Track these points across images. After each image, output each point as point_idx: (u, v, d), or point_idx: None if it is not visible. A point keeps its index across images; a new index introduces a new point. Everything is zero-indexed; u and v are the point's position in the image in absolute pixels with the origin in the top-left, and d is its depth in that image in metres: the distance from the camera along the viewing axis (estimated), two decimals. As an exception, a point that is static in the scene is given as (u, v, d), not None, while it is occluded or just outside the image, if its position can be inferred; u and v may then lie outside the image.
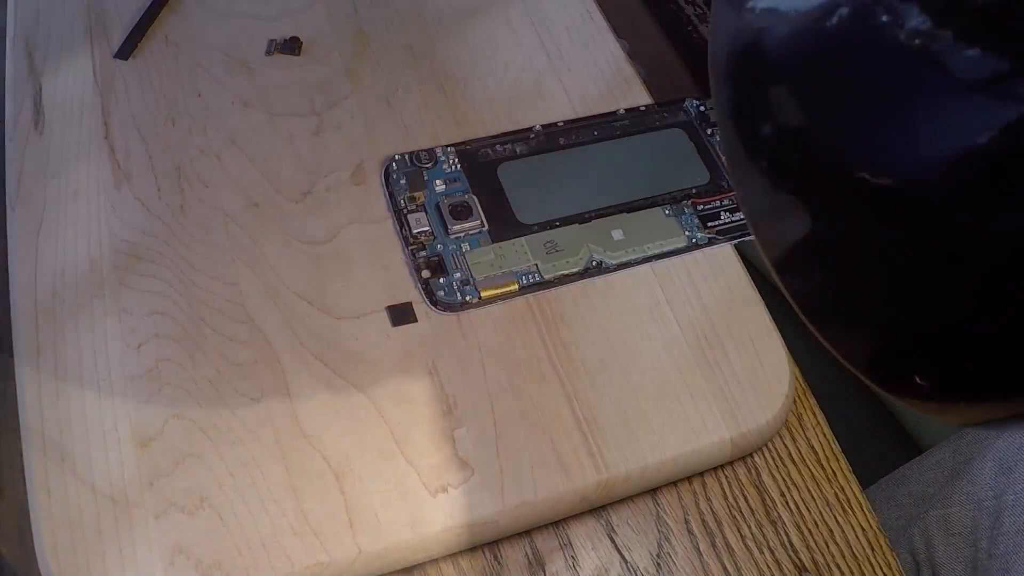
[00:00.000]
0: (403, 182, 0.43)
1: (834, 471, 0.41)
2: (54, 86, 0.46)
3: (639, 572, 0.38)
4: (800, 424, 0.42)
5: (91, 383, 0.37)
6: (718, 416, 0.39)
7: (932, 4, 0.16)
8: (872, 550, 0.39)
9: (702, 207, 0.44)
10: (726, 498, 0.40)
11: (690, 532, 0.39)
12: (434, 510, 0.36)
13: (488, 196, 0.43)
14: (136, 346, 0.38)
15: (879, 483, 0.60)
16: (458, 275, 0.41)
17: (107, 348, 0.38)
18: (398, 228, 0.42)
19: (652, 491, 0.39)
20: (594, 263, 0.42)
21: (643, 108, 0.48)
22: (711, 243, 0.43)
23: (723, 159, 0.46)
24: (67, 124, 0.45)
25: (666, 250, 0.43)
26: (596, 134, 0.47)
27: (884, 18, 0.17)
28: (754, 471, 0.41)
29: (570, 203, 0.44)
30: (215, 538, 0.34)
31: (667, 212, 0.44)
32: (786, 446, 0.41)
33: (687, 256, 0.43)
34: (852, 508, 0.40)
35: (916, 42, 0.17)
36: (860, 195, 0.18)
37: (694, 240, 0.43)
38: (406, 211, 0.42)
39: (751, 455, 0.41)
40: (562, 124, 0.47)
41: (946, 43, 0.16)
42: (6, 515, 0.40)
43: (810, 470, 0.41)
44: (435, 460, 0.37)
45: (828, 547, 0.39)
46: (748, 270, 0.44)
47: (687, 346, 0.40)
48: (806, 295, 0.22)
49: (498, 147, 0.45)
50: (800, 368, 0.43)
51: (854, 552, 0.39)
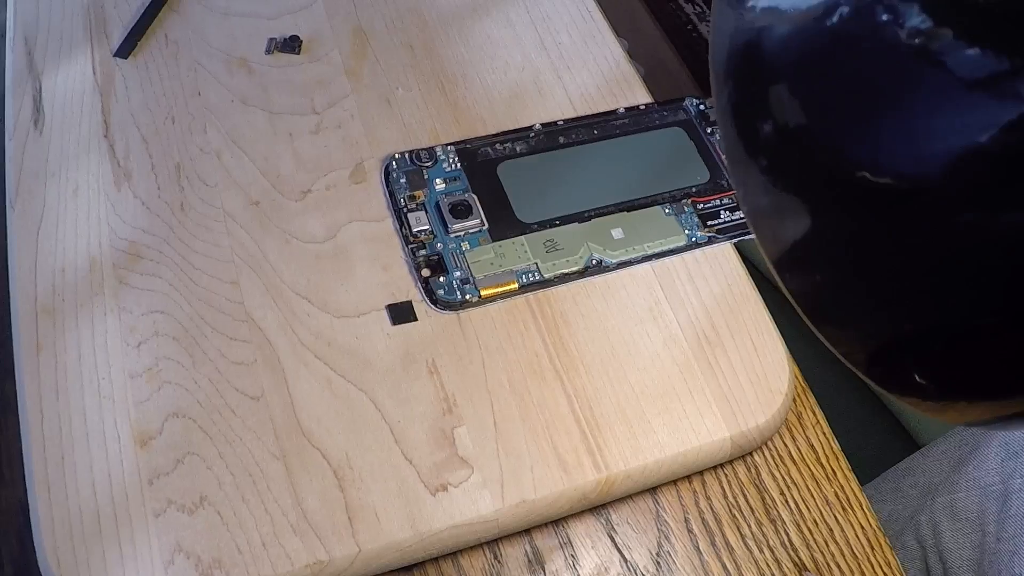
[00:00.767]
0: (403, 181, 0.43)
1: (834, 470, 0.41)
2: (54, 85, 0.46)
3: (639, 571, 0.38)
4: (800, 423, 0.42)
5: (91, 382, 0.37)
6: (718, 415, 0.39)
7: (932, 3, 0.16)
8: (872, 549, 0.39)
9: (702, 206, 0.44)
10: (726, 497, 0.40)
11: (690, 531, 0.39)
12: (434, 509, 0.36)
13: (488, 195, 0.43)
14: (136, 345, 0.38)
15: (885, 475, 0.60)
16: (458, 274, 0.41)
17: (107, 346, 0.38)
18: (398, 227, 0.42)
19: (652, 490, 0.40)
20: (594, 262, 0.42)
21: (643, 107, 0.48)
22: (711, 242, 0.43)
23: (723, 158, 0.46)
24: (67, 123, 0.45)
25: (666, 249, 0.43)
26: (596, 133, 0.47)
27: (884, 17, 0.17)
28: (754, 470, 0.41)
29: (570, 202, 0.44)
30: (215, 537, 0.34)
31: (667, 211, 0.44)
32: (786, 445, 0.41)
33: (687, 255, 0.43)
34: (852, 507, 0.40)
35: (916, 41, 0.17)
36: (860, 194, 0.18)
37: (694, 239, 0.43)
38: (406, 210, 0.42)
39: (751, 454, 0.41)
40: (562, 123, 0.47)
41: (946, 42, 0.16)
42: (6, 513, 0.40)
43: (810, 469, 0.41)
44: (435, 459, 0.37)
45: (828, 546, 0.39)
46: (748, 269, 0.44)
47: (687, 345, 0.41)
48: (806, 293, 0.22)
49: (498, 146, 0.45)
50: (799, 367, 0.43)
51: (854, 551, 0.39)
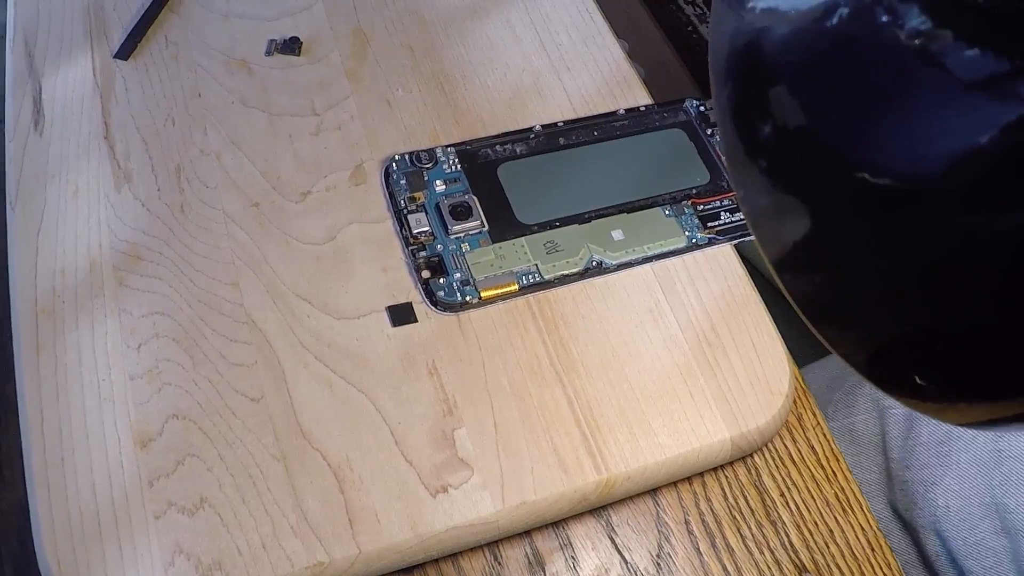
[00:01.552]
0: (403, 182, 0.43)
1: (834, 471, 0.41)
2: (54, 86, 0.46)
3: (639, 572, 0.38)
4: (800, 424, 0.42)
5: (91, 383, 0.37)
6: (718, 416, 0.39)
7: (932, 4, 0.16)
8: (872, 550, 0.39)
9: (702, 207, 0.44)
10: (726, 498, 0.40)
11: (690, 532, 0.39)
12: (434, 510, 0.36)
13: (488, 196, 0.43)
14: (136, 346, 0.38)
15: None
16: (458, 275, 0.41)
17: (107, 348, 0.38)
18: (398, 228, 0.42)
19: (652, 491, 0.39)
20: (594, 263, 0.42)
21: (643, 108, 0.48)
22: (711, 243, 0.43)
23: (723, 159, 0.46)
24: (67, 124, 0.45)
25: (666, 250, 0.43)
26: (596, 134, 0.47)
27: (884, 18, 0.17)
28: (754, 471, 0.41)
29: (570, 203, 0.44)
30: (215, 538, 0.34)
31: (667, 212, 0.44)
32: (786, 446, 0.41)
33: (687, 256, 0.43)
34: (852, 508, 0.40)
35: (916, 42, 0.17)
36: (860, 195, 0.18)
37: (694, 240, 0.43)
38: (406, 211, 0.42)
39: (751, 455, 0.41)
40: (562, 124, 0.47)
41: (946, 43, 0.16)
42: (6, 514, 0.40)
43: (810, 470, 0.41)
44: (435, 460, 0.37)
45: (828, 547, 0.39)
46: (748, 270, 0.44)
47: (687, 346, 0.40)
48: (806, 294, 0.22)
49: (498, 147, 0.45)
50: (799, 368, 0.43)
51: (854, 552, 0.39)
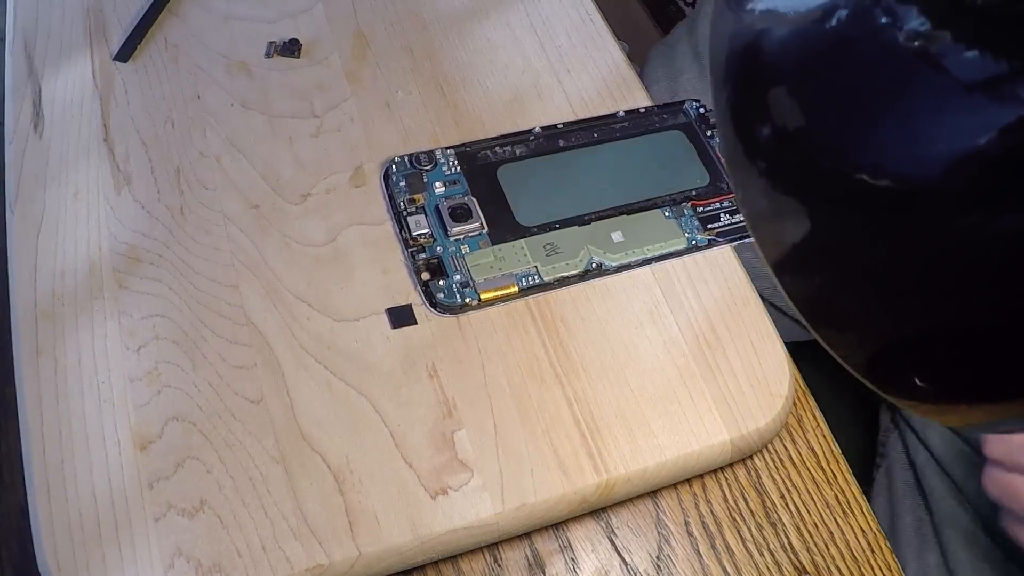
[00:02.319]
0: (403, 184, 0.43)
1: (834, 473, 0.41)
2: (54, 88, 0.46)
3: (639, 574, 0.38)
4: (800, 426, 0.42)
5: (91, 385, 0.37)
6: (718, 418, 0.39)
7: (931, 5, 0.16)
8: (872, 552, 0.39)
9: (702, 209, 0.44)
10: (726, 500, 0.40)
11: (690, 534, 0.39)
12: (434, 512, 0.36)
13: (488, 198, 0.43)
14: (136, 348, 0.38)
15: None
16: (458, 277, 0.41)
17: (107, 350, 0.38)
18: (398, 230, 0.42)
19: (652, 493, 0.39)
20: (594, 265, 0.42)
21: (643, 110, 0.48)
22: (711, 245, 0.43)
23: (722, 161, 0.46)
24: (67, 126, 0.45)
25: (666, 252, 0.43)
26: (596, 136, 0.47)
27: (883, 20, 0.17)
28: (754, 473, 0.40)
29: (570, 205, 0.44)
30: (215, 540, 0.34)
31: (667, 214, 0.44)
32: (786, 448, 0.41)
33: (687, 258, 0.43)
34: (852, 510, 0.40)
35: (915, 44, 0.17)
36: (859, 197, 0.18)
37: (694, 242, 0.43)
38: (406, 213, 0.42)
39: (751, 457, 0.41)
40: (562, 126, 0.47)
41: (945, 44, 0.16)
42: (6, 517, 0.40)
43: (810, 472, 0.41)
44: (435, 462, 0.37)
45: (828, 549, 0.39)
46: (748, 272, 0.44)
47: (687, 348, 0.40)
48: (805, 296, 0.22)
49: (498, 149, 0.45)
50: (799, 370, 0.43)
51: (854, 554, 0.39)
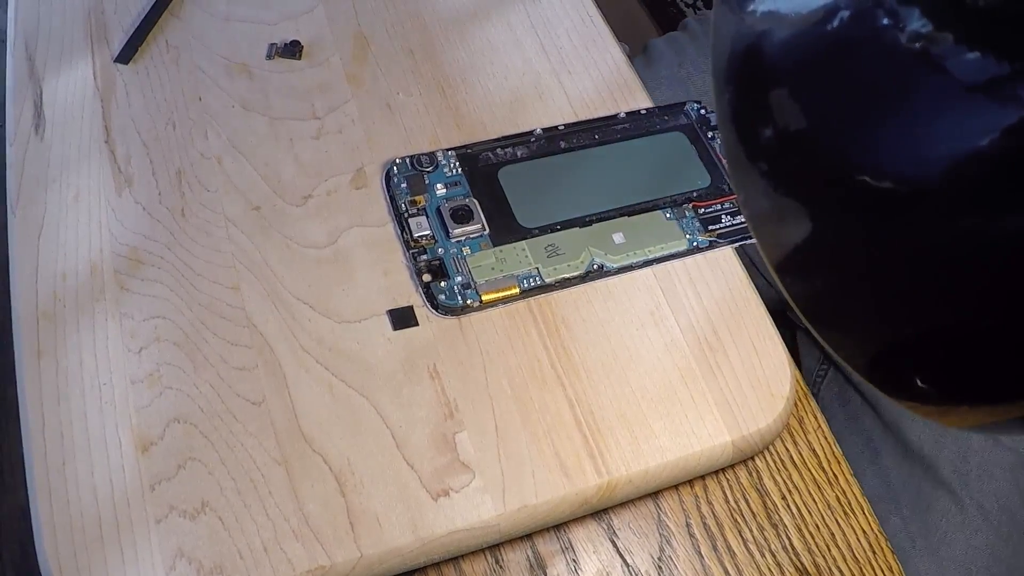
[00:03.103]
0: (404, 186, 0.43)
1: (835, 474, 0.41)
2: (55, 90, 0.46)
3: (640, 575, 0.38)
4: (801, 427, 0.42)
5: (92, 387, 0.37)
6: (719, 419, 0.39)
7: (932, 7, 0.16)
8: (873, 553, 0.39)
9: (703, 210, 0.44)
10: (727, 501, 0.40)
11: (691, 535, 0.39)
12: (435, 514, 0.36)
13: (489, 200, 0.43)
14: (137, 350, 0.38)
15: None
16: (459, 279, 0.41)
17: (108, 352, 0.38)
18: (399, 232, 0.42)
19: (653, 494, 0.39)
20: (595, 266, 0.42)
21: (644, 111, 0.48)
22: (712, 246, 0.43)
23: (724, 162, 0.46)
24: (68, 128, 0.45)
25: (667, 253, 0.43)
26: (597, 137, 0.47)
27: (885, 21, 0.17)
28: (755, 474, 0.40)
29: (571, 206, 0.44)
30: (216, 542, 0.34)
31: (668, 215, 0.44)
32: (787, 449, 0.41)
33: (688, 259, 0.43)
34: (853, 511, 0.40)
35: (917, 45, 0.17)
36: (861, 198, 0.18)
37: (695, 243, 0.43)
38: (407, 215, 0.42)
39: (752, 458, 0.41)
40: (563, 127, 0.47)
41: (946, 46, 0.16)
42: (7, 519, 0.40)
43: (811, 473, 0.41)
44: (436, 464, 0.37)
45: (829, 550, 0.39)
46: (749, 273, 0.44)
47: (688, 349, 0.40)
48: (807, 297, 0.22)
49: (499, 151, 0.45)
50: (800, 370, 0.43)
51: (855, 555, 0.39)
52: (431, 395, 0.38)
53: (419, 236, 0.42)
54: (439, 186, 0.44)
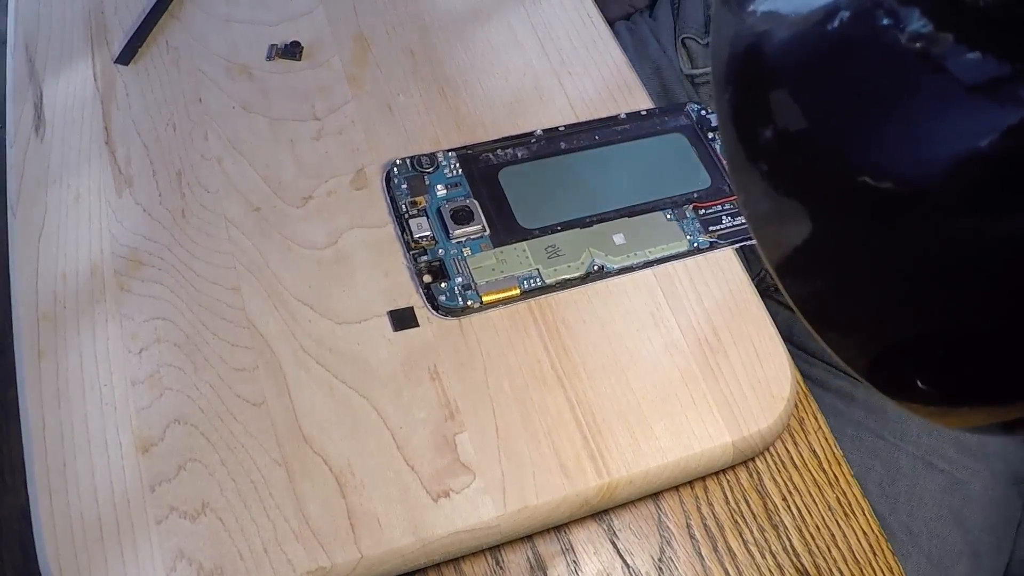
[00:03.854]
0: (404, 187, 0.43)
1: (836, 475, 0.41)
2: (55, 91, 0.46)
3: (641, 577, 0.38)
4: (802, 428, 0.42)
5: (92, 388, 0.37)
6: (720, 420, 0.39)
7: (932, 7, 0.16)
8: (874, 554, 0.39)
9: (704, 211, 0.44)
10: (728, 502, 0.40)
11: (692, 536, 0.39)
12: (436, 515, 0.36)
13: (489, 200, 0.43)
14: (137, 351, 0.38)
15: None
16: (460, 280, 0.41)
17: (108, 353, 0.38)
18: (399, 233, 0.42)
19: (654, 495, 0.39)
20: (596, 267, 0.42)
21: (644, 112, 0.48)
22: (713, 247, 0.43)
23: (724, 163, 0.46)
24: (68, 129, 0.45)
25: (668, 254, 0.43)
26: (597, 138, 0.47)
27: (885, 21, 0.17)
28: (756, 475, 0.40)
29: (571, 207, 0.44)
30: (216, 543, 0.34)
31: (669, 216, 0.44)
32: (788, 450, 0.41)
33: (688, 260, 0.43)
34: (854, 512, 0.40)
35: (917, 45, 0.17)
36: (861, 198, 0.18)
37: (696, 244, 0.43)
38: (407, 216, 0.42)
39: (753, 459, 0.41)
40: (563, 128, 0.47)
41: (947, 46, 0.16)
42: (8, 520, 0.40)
43: (812, 474, 0.41)
44: (437, 465, 0.37)
45: (830, 551, 0.39)
46: (749, 274, 0.44)
47: (688, 350, 0.40)
48: (808, 299, 0.22)
49: (499, 151, 0.45)
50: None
51: (856, 556, 0.39)
52: (432, 396, 0.38)
53: (419, 237, 0.42)
54: (439, 187, 0.44)
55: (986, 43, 0.16)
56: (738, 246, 0.44)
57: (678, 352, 0.40)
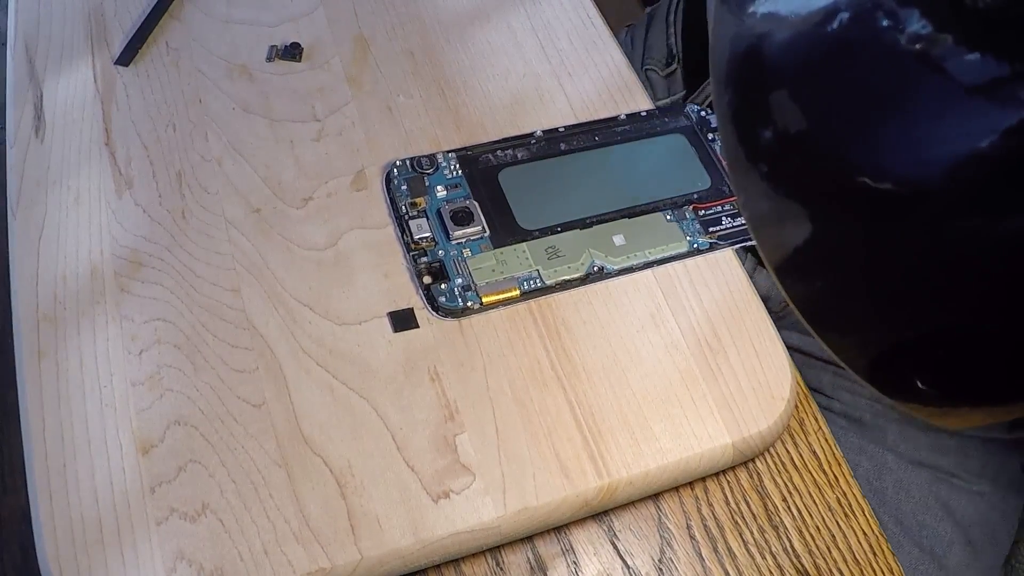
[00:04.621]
0: (404, 188, 0.43)
1: (836, 476, 0.41)
2: (55, 92, 0.46)
3: (641, 577, 0.38)
4: (802, 429, 0.42)
5: (92, 389, 0.37)
6: (720, 421, 0.39)
7: (932, 8, 0.16)
8: (874, 555, 0.39)
9: (703, 212, 0.44)
10: (728, 503, 0.40)
11: (692, 537, 0.39)
12: (436, 516, 0.36)
13: (489, 201, 0.43)
14: (138, 352, 0.38)
15: None
16: (460, 281, 0.41)
17: (108, 354, 0.38)
18: (399, 234, 0.42)
19: (654, 496, 0.39)
20: (596, 268, 0.42)
21: (644, 113, 0.48)
22: (712, 248, 0.43)
23: (724, 163, 0.46)
24: (68, 130, 0.45)
25: (667, 255, 0.43)
26: (597, 139, 0.47)
27: (885, 23, 0.17)
28: (756, 476, 0.40)
29: (571, 208, 0.44)
30: (217, 544, 0.34)
31: (668, 217, 0.44)
32: (788, 451, 0.41)
33: (688, 261, 0.43)
34: (854, 513, 0.40)
35: (916, 46, 0.17)
36: (861, 199, 0.18)
37: (695, 245, 0.43)
38: (407, 217, 0.42)
39: (753, 460, 0.41)
40: (563, 129, 0.47)
41: (946, 47, 0.16)
42: (8, 521, 0.40)
43: (812, 475, 0.41)
44: (437, 466, 0.37)
45: (830, 552, 0.39)
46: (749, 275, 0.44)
47: (688, 351, 0.40)
48: (808, 299, 0.22)
49: (499, 152, 0.45)
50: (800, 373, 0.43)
51: (856, 557, 0.39)
52: (432, 397, 0.38)
53: (419, 238, 0.42)
54: (439, 188, 0.44)
55: (985, 44, 0.16)
56: (738, 247, 0.44)
57: (678, 353, 0.40)
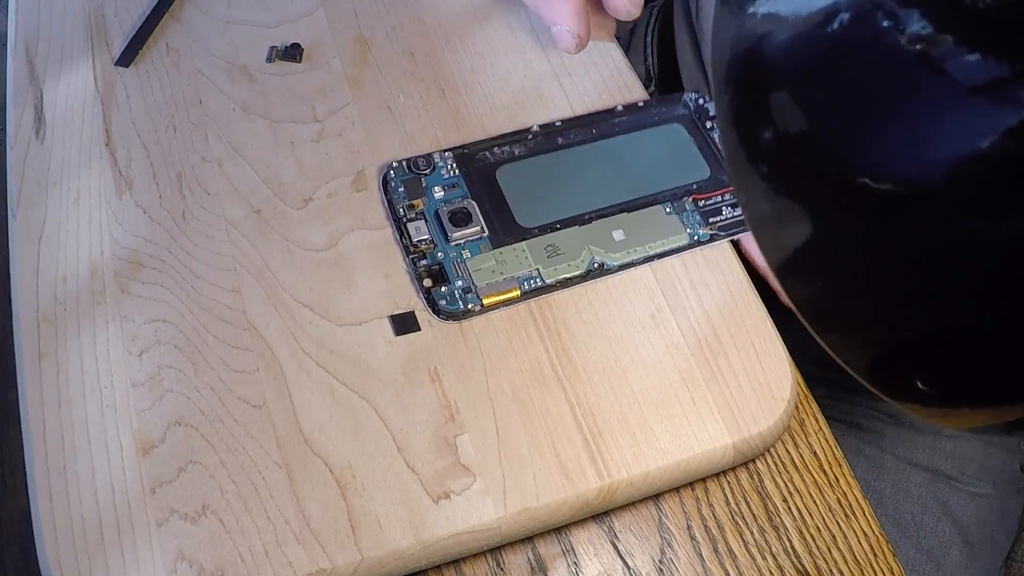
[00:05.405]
0: (401, 190, 0.43)
1: (836, 477, 0.41)
2: (55, 93, 0.46)
3: (642, 578, 0.38)
4: (802, 429, 0.42)
5: (93, 390, 0.37)
6: (720, 421, 0.39)
7: (932, 9, 0.16)
8: (875, 555, 0.39)
9: (703, 203, 0.44)
10: (728, 504, 0.40)
11: (692, 538, 0.39)
12: (436, 516, 0.36)
13: (487, 201, 0.43)
14: (138, 353, 0.38)
15: None
16: (459, 283, 0.41)
17: (109, 355, 0.38)
18: (398, 237, 0.42)
19: (654, 497, 0.39)
20: (596, 265, 0.42)
21: (641, 103, 0.48)
22: (713, 239, 0.43)
23: (724, 162, 0.46)
24: (68, 131, 0.45)
25: (668, 249, 0.43)
26: (595, 132, 0.47)
27: (885, 23, 0.17)
28: (756, 477, 0.40)
29: (570, 205, 0.44)
30: (217, 545, 0.34)
31: (668, 210, 0.44)
32: (788, 452, 0.41)
33: (689, 261, 0.43)
34: (855, 514, 0.40)
35: (917, 47, 0.17)
36: (861, 200, 0.18)
37: (696, 237, 0.43)
38: (405, 219, 0.42)
39: (753, 461, 0.41)
40: (560, 123, 0.47)
41: (947, 48, 0.16)
42: (9, 522, 0.40)
43: (812, 476, 0.41)
44: (437, 466, 0.37)
45: (831, 553, 0.39)
46: (750, 274, 0.43)
47: (688, 351, 0.40)
48: (808, 300, 0.22)
49: (496, 149, 0.45)
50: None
51: (856, 558, 0.39)
52: (432, 398, 0.38)
53: (418, 241, 0.42)
54: (437, 189, 0.44)
55: (986, 44, 0.16)
56: (738, 237, 0.43)
57: (678, 353, 0.40)
